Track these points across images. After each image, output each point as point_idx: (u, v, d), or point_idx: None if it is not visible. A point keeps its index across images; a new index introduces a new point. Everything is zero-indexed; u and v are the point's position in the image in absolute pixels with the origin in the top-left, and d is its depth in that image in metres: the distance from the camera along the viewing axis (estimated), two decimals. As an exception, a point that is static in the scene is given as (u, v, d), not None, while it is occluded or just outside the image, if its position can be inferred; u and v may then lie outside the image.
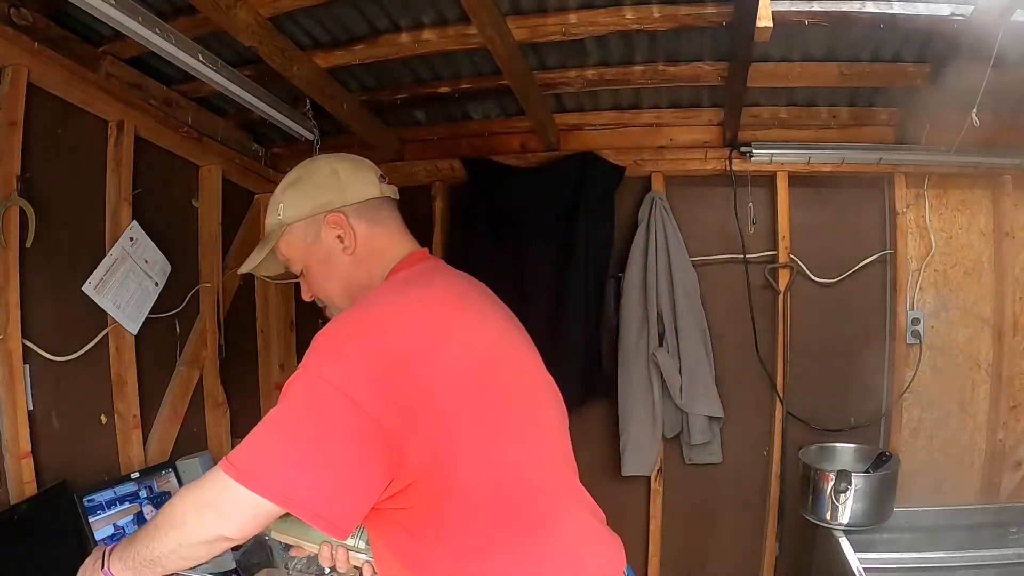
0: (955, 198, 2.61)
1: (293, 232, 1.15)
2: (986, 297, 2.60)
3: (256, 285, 3.02)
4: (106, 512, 1.97)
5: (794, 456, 2.37)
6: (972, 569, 1.97)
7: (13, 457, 1.77)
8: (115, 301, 2.12)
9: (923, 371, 2.59)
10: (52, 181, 1.94)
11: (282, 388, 0.97)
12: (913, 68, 2.20)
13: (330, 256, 1.14)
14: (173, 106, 2.34)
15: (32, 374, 1.85)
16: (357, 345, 0.93)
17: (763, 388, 2.72)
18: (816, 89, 2.44)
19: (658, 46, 2.20)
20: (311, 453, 0.90)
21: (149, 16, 1.74)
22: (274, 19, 1.94)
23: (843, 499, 2.01)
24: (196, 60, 1.93)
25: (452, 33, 2.06)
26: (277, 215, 1.16)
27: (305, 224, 1.15)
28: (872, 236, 2.66)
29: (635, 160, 2.70)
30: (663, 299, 2.63)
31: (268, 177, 2.96)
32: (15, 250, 1.78)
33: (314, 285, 1.18)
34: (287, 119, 2.45)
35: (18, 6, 1.72)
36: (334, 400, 0.90)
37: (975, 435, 2.61)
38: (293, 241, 1.16)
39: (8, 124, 1.76)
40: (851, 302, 2.68)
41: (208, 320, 2.60)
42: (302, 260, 1.16)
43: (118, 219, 2.16)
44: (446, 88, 2.42)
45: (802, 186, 2.64)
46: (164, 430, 2.37)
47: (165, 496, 2.21)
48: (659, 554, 2.75)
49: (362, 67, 2.29)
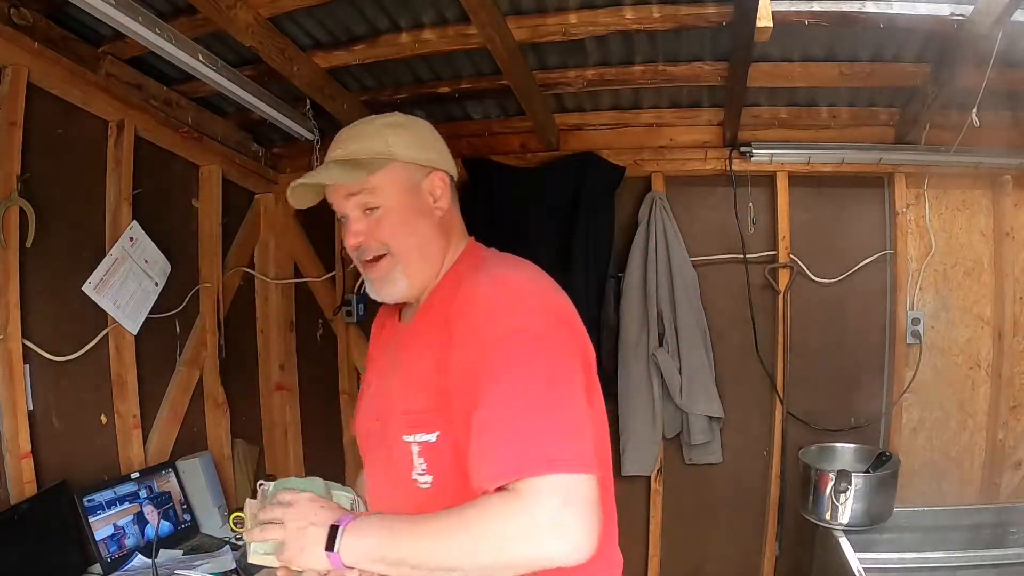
0: (955, 198, 2.61)
1: (395, 170, 1.05)
2: (986, 297, 2.60)
3: (256, 285, 3.02)
4: (106, 512, 1.97)
5: (794, 456, 2.37)
6: (972, 569, 1.97)
7: (13, 457, 1.77)
8: (115, 301, 2.12)
9: (923, 371, 2.59)
10: (52, 181, 1.94)
11: (486, 343, 0.89)
12: (913, 68, 2.20)
13: (421, 211, 1.06)
14: (173, 106, 2.34)
15: (32, 374, 1.85)
16: (551, 303, 0.97)
17: (763, 388, 2.72)
18: (816, 89, 2.44)
19: (658, 46, 2.20)
20: (583, 412, 0.89)
21: (149, 16, 1.74)
22: (274, 19, 1.94)
23: (843, 499, 2.01)
24: (196, 60, 1.93)
25: (452, 33, 2.06)
26: (387, 146, 1.05)
27: (412, 169, 1.06)
28: (872, 236, 2.66)
29: (635, 160, 2.70)
30: (663, 299, 2.63)
31: (268, 177, 2.96)
32: (15, 250, 1.79)
33: (386, 232, 1.04)
34: (287, 119, 2.46)
35: (18, 6, 1.72)
36: (563, 355, 0.91)
37: (975, 435, 2.61)
38: (392, 179, 1.04)
39: (8, 124, 1.77)
40: (851, 302, 2.68)
41: (208, 320, 2.60)
42: (387, 201, 1.04)
43: (118, 219, 2.16)
44: (446, 88, 2.42)
45: (802, 186, 2.64)
46: (164, 430, 2.37)
47: (165, 496, 2.21)
48: (659, 554, 2.75)
49: (362, 67, 2.29)
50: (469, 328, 0.92)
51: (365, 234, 1.04)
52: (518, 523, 0.80)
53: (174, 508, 2.22)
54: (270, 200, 3.02)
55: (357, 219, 1.05)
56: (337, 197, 1.06)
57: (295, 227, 3.07)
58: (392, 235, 1.04)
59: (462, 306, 0.95)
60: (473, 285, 0.97)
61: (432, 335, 0.98)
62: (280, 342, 3.07)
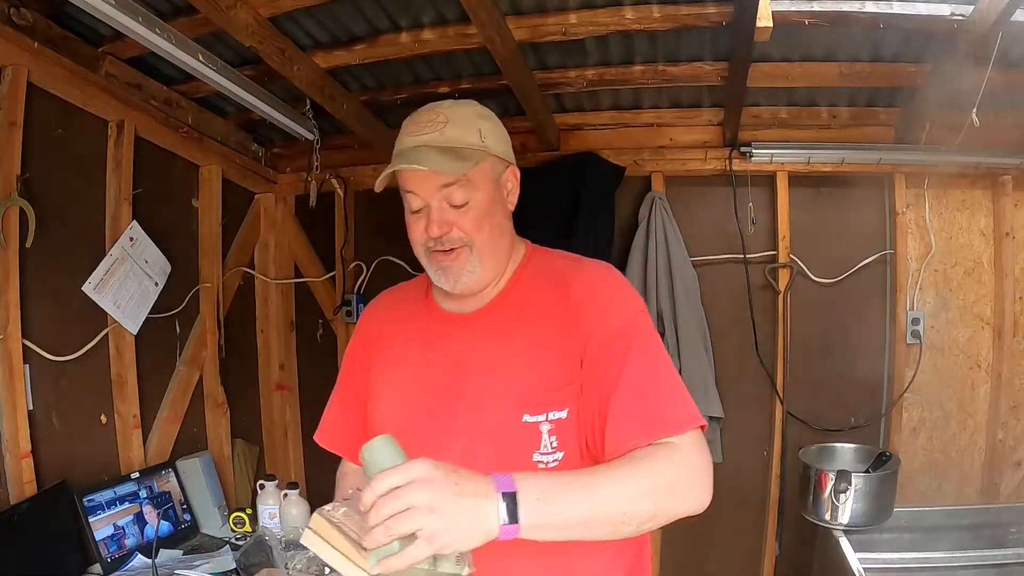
0: (955, 198, 2.61)
1: (487, 165, 1.06)
2: (986, 297, 2.60)
3: (256, 285, 3.02)
4: (106, 512, 1.97)
5: (794, 456, 2.37)
6: (972, 569, 1.97)
7: (13, 457, 1.77)
8: (115, 301, 2.12)
9: (923, 371, 2.59)
10: (52, 181, 1.94)
11: (623, 321, 1.02)
12: (913, 68, 2.20)
13: (500, 205, 1.09)
14: (173, 106, 2.34)
15: (32, 374, 1.85)
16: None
17: (763, 388, 2.72)
18: (816, 89, 2.44)
19: (658, 46, 2.20)
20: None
21: (149, 16, 1.75)
22: (274, 19, 1.94)
23: (843, 499, 2.01)
24: (196, 60, 1.93)
25: (452, 33, 2.06)
26: (481, 139, 1.05)
27: (497, 163, 1.08)
28: (872, 236, 2.66)
29: (635, 160, 2.70)
30: (663, 299, 2.63)
31: (268, 177, 2.96)
32: (15, 250, 1.79)
33: (471, 224, 1.04)
34: (287, 119, 2.46)
35: (18, 6, 1.72)
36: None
37: (975, 435, 2.61)
38: (484, 173, 1.05)
39: (8, 124, 1.77)
40: (851, 302, 2.67)
41: (208, 320, 2.60)
42: (477, 195, 1.04)
43: (118, 219, 2.16)
44: (446, 88, 2.42)
45: (802, 186, 2.64)
46: (164, 430, 2.37)
47: (165, 496, 2.21)
48: (659, 554, 2.74)
49: (362, 67, 2.29)
50: (600, 310, 1.02)
51: (450, 224, 1.03)
52: (687, 473, 0.90)
53: (174, 508, 2.22)
54: (270, 200, 3.02)
55: (442, 208, 1.03)
56: (425, 185, 1.02)
57: (295, 227, 3.07)
58: (477, 228, 1.04)
59: (586, 292, 1.04)
60: (587, 274, 1.08)
61: (541, 320, 1.04)
62: (280, 342, 3.07)
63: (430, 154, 1.00)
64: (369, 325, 1.22)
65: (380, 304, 1.25)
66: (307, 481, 3.04)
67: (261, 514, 2.21)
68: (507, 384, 1.02)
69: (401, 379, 1.12)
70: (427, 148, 1.01)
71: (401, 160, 1.01)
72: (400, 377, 1.13)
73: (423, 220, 1.04)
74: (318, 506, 0.91)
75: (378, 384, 1.15)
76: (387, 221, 2.96)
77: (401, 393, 1.11)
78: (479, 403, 1.03)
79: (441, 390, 1.07)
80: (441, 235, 1.04)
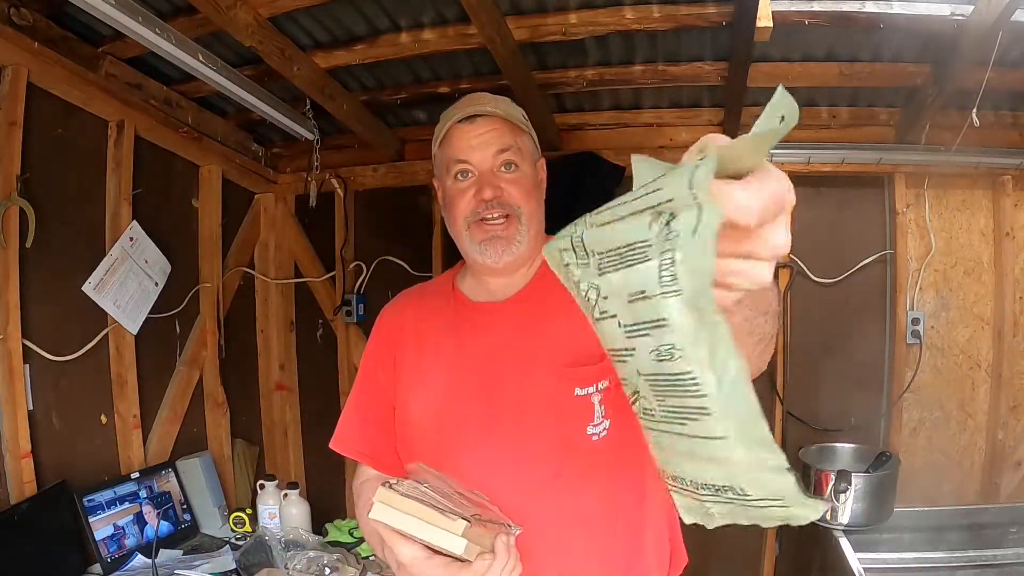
0: (955, 198, 2.61)
1: (530, 141, 1.15)
2: (986, 297, 2.60)
3: (256, 285, 3.02)
4: (106, 512, 1.97)
5: (794, 456, 2.36)
6: (972, 569, 1.97)
7: (13, 457, 1.77)
8: (115, 301, 2.12)
9: (923, 371, 2.59)
10: (52, 181, 1.94)
11: None
12: (913, 68, 2.20)
13: (538, 185, 1.15)
14: (173, 106, 2.34)
15: (32, 374, 1.85)
16: None
17: (763, 388, 2.71)
18: (816, 89, 2.44)
19: (658, 46, 2.20)
20: None
21: (149, 16, 1.74)
22: (274, 19, 1.94)
23: (843, 499, 2.01)
24: (196, 60, 1.93)
25: (452, 33, 2.06)
26: (524, 120, 1.15)
27: (535, 147, 1.17)
28: (872, 236, 2.66)
29: (635, 160, 2.69)
30: (663, 299, 2.63)
31: (268, 177, 2.96)
32: (15, 250, 1.79)
33: (520, 194, 1.10)
34: (287, 119, 2.46)
35: (18, 6, 1.72)
36: None
37: (975, 435, 2.61)
38: (529, 148, 1.14)
39: (8, 124, 1.77)
40: (851, 302, 2.67)
41: (208, 320, 2.60)
42: (524, 165, 1.12)
43: (118, 219, 2.16)
44: (446, 88, 2.42)
45: (802, 186, 2.61)
46: (164, 430, 2.37)
47: (165, 496, 2.21)
48: (659, 554, 2.75)
49: (362, 67, 2.29)
50: None
51: (502, 190, 1.08)
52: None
53: (174, 508, 2.22)
54: (270, 200, 3.02)
55: (496, 174, 1.09)
56: (482, 152, 1.08)
57: (295, 227, 3.07)
58: (526, 198, 1.10)
59: None
60: None
61: (572, 300, 1.05)
62: (280, 342, 3.07)
63: (494, 113, 1.09)
64: (391, 326, 1.21)
65: (400, 304, 1.24)
66: (307, 481, 3.04)
67: (261, 514, 2.21)
68: (551, 362, 1.03)
69: (438, 372, 1.12)
70: (486, 114, 1.09)
71: (464, 119, 1.09)
72: (437, 370, 1.12)
73: (472, 188, 1.08)
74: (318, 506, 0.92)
75: (412, 381, 1.15)
76: (387, 221, 2.98)
77: (441, 385, 1.11)
78: (525, 384, 1.04)
79: (482, 376, 1.08)
80: (494, 198, 1.07)
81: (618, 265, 0.47)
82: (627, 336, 0.49)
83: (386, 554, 0.91)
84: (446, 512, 0.82)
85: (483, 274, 1.14)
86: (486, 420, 1.05)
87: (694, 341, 0.44)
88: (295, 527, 2.12)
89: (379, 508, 0.83)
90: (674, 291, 0.43)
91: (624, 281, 0.47)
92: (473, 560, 0.84)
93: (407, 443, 1.13)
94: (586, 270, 0.51)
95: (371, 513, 0.84)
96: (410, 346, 1.16)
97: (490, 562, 0.85)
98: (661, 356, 0.46)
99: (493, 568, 0.85)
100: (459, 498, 0.91)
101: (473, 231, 1.08)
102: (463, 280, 1.19)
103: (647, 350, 0.47)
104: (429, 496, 0.85)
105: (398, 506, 0.83)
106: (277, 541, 2.03)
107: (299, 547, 2.02)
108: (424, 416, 1.10)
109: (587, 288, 0.52)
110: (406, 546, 0.85)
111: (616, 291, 0.48)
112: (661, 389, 0.48)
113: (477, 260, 1.10)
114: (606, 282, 0.49)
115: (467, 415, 1.07)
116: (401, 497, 0.83)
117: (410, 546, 0.85)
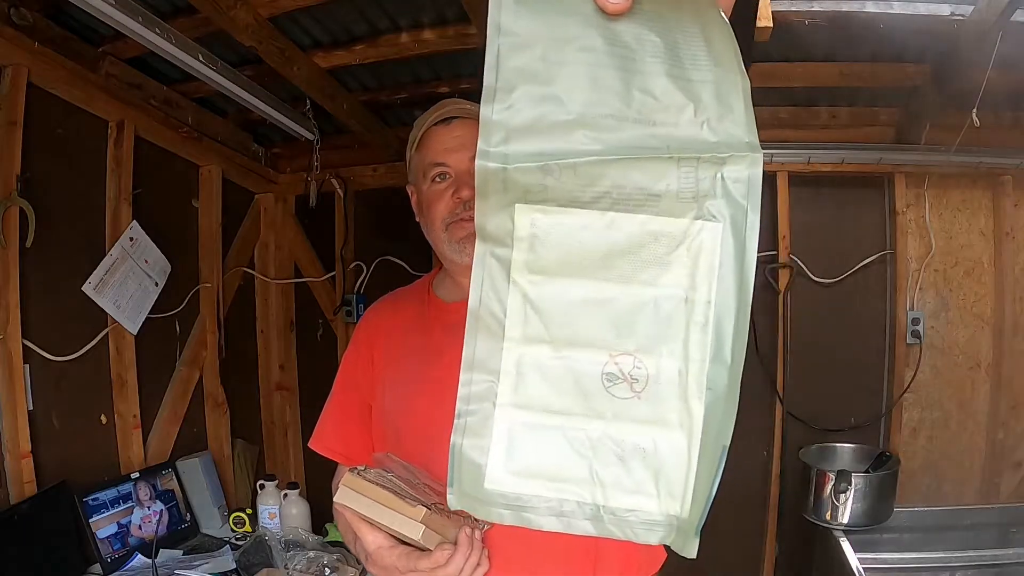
0: (955, 198, 2.61)
1: None
2: (986, 297, 2.60)
3: (256, 285, 3.02)
4: (106, 512, 1.97)
5: (794, 456, 2.36)
6: (972, 569, 1.97)
7: (13, 457, 1.77)
8: (115, 301, 2.12)
9: (923, 371, 2.59)
10: (52, 181, 1.94)
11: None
12: (913, 68, 2.20)
13: None
14: (173, 106, 2.34)
15: (32, 374, 1.85)
16: None
17: (763, 388, 2.71)
18: (816, 89, 2.44)
19: (658, 46, 2.20)
20: None
21: (149, 16, 1.74)
22: (274, 19, 1.94)
23: (843, 499, 2.01)
24: (196, 60, 1.93)
25: (452, 33, 2.06)
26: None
27: None
28: (872, 236, 2.66)
29: (635, 160, 2.69)
30: (663, 299, 2.63)
31: (268, 177, 2.96)
32: (15, 250, 1.79)
33: None
34: (287, 119, 2.46)
35: (18, 6, 1.72)
36: None
37: (975, 435, 2.61)
38: None
39: (8, 124, 1.77)
40: (851, 302, 2.67)
41: (208, 320, 2.60)
42: None
43: (118, 219, 2.16)
44: (446, 88, 2.42)
45: (802, 186, 2.64)
46: (164, 430, 2.37)
47: (166, 495, 2.21)
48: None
49: (362, 67, 2.29)
50: None
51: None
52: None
53: (174, 508, 2.22)
54: (270, 200, 3.02)
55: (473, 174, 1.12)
56: (459, 154, 1.09)
57: (295, 227, 3.07)
58: None
59: None
60: None
61: None
62: (280, 342, 3.07)
63: (470, 115, 1.10)
64: (368, 328, 1.24)
65: (378, 308, 1.26)
66: (307, 481, 3.04)
67: (261, 514, 2.21)
68: None
69: (410, 370, 1.14)
70: (463, 116, 1.11)
71: (439, 122, 1.10)
72: (409, 368, 1.14)
73: (450, 189, 1.09)
74: (318, 506, 0.93)
75: (384, 376, 1.17)
76: (387, 221, 2.98)
77: (412, 382, 1.13)
78: None
79: (451, 372, 1.08)
80: (472, 197, 1.07)
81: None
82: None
83: (356, 547, 0.92)
84: (407, 499, 0.83)
85: (459, 275, 1.14)
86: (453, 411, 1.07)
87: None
88: (295, 527, 2.12)
89: (343, 492, 0.85)
90: None
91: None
92: (433, 549, 0.84)
93: (382, 440, 1.15)
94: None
95: (336, 496, 0.86)
96: (387, 343, 1.19)
97: (450, 552, 0.84)
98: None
99: (454, 559, 0.84)
100: (424, 488, 0.92)
101: (452, 230, 1.09)
102: (440, 284, 1.20)
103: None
104: (393, 484, 0.87)
105: (362, 491, 0.84)
106: (277, 541, 2.03)
107: (299, 547, 2.02)
108: (396, 412, 1.13)
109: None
110: (372, 534, 0.86)
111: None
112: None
113: (455, 261, 1.11)
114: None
115: (436, 410, 1.06)
116: (366, 483, 0.85)
117: (375, 534, 0.86)
